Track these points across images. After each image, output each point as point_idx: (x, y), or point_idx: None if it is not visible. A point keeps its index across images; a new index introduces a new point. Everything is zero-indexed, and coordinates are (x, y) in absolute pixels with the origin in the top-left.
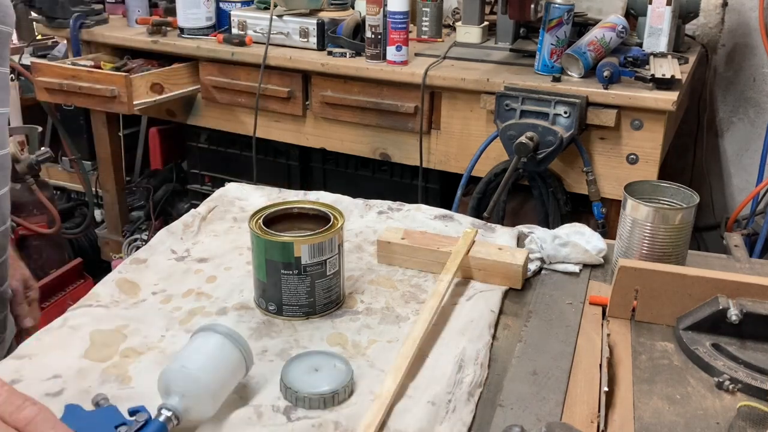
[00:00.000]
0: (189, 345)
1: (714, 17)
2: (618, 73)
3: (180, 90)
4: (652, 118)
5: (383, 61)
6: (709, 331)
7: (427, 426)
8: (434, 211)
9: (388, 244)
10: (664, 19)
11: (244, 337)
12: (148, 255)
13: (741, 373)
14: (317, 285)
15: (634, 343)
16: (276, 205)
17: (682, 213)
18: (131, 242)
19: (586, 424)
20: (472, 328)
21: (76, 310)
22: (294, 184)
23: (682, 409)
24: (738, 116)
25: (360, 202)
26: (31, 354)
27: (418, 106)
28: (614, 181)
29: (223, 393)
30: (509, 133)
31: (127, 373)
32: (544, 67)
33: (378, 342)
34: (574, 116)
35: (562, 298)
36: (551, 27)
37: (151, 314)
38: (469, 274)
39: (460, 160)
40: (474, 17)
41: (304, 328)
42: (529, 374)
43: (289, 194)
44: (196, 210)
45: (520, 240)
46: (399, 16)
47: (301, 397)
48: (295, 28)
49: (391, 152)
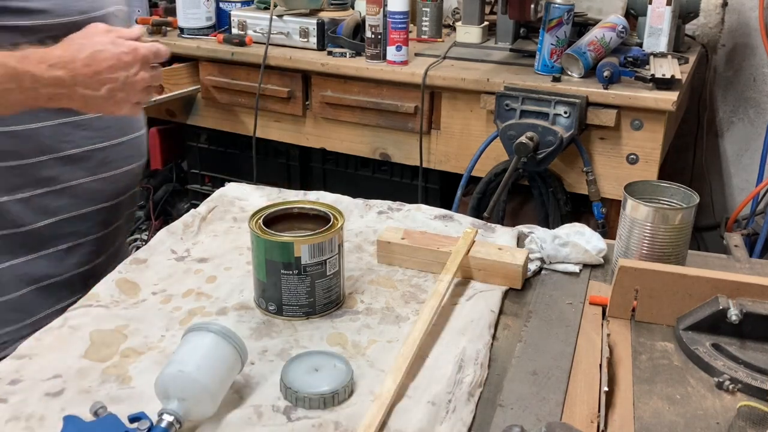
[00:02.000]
0: (182, 346)
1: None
2: (618, 73)
3: (180, 90)
4: (652, 118)
5: (383, 61)
6: (709, 331)
7: (427, 426)
8: (434, 211)
9: (388, 244)
10: (664, 19)
11: (236, 333)
12: (148, 255)
13: (741, 373)
14: (317, 285)
15: (634, 343)
16: (276, 205)
17: (682, 213)
18: (131, 242)
19: (586, 424)
20: (472, 328)
21: (76, 310)
22: (294, 184)
23: (682, 409)
24: (738, 116)
25: (360, 202)
26: (31, 354)
27: (418, 106)
28: (614, 181)
29: (222, 391)
30: (509, 133)
31: (127, 373)
32: (544, 67)
33: (378, 342)
34: (574, 116)
35: (562, 298)
36: (551, 27)
37: (151, 314)
38: (469, 274)
39: (460, 160)
40: (474, 17)
41: (304, 328)
42: (529, 374)
43: (289, 194)
44: (196, 210)
45: (520, 240)
46: (399, 16)
47: (301, 397)
48: (295, 28)
49: (391, 152)
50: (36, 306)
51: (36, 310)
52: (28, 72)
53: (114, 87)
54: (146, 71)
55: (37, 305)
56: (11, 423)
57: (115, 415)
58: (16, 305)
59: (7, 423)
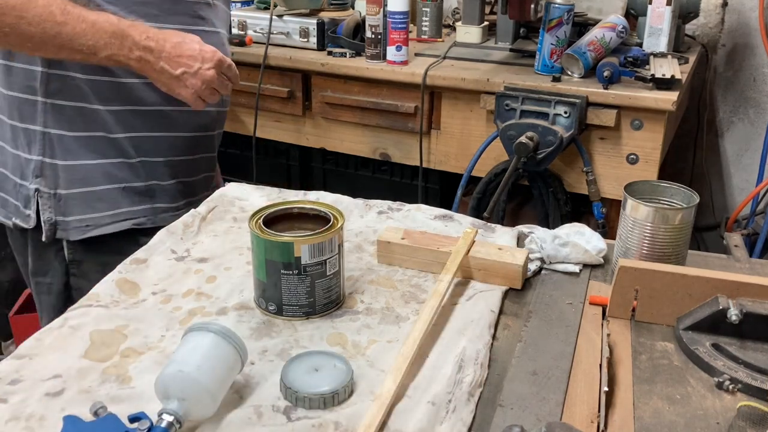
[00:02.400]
0: (182, 346)
1: (714, 17)
2: (618, 73)
3: None
4: (652, 118)
5: (383, 61)
6: (709, 331)
7: (427, 426)
8: (434, 211)
9: (388, 244)
10: (664, 19)
11: (236, 333)
12: (148, 255)
13: (741, 373)
14: (317, 285)
15: (634, 343)
16: (276, 205)
17: (682, 213)
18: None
19: (586, 424)
20: (472, 328)
21: (76, 310)
22: (294, 184)
23: (682, 409)
24: (738, 116)
25: (360, 202)
26: (31, 354)
27: (418, 106)
28: (614, 181)
29: (222, 391)
30: (509, 133)
31: (127, 373)
32: (544, 67)
33: (378, 342)
34: (574, 116)
35: (562, 298)
36: (551, 27)
37: (151, 314)
38: (469, 274)
39: (460, 160)
40: (474, 17)
41: (304, 328)
42: (529, 374)
43: (289, 194)
44: (196, 210)
45: (520, 240)
46: (399, 16)
47: (301, 397)
48: (295, 28)
49: (391, 152)
50: (118, 201)
51: (118, 205)
52: (131, 36)
53: (187, 72)
54: (217, 73)
55: (119, 201)
56: (11, 423)
57: (115, 415)
58: (102, 196)
59: (7, 423)
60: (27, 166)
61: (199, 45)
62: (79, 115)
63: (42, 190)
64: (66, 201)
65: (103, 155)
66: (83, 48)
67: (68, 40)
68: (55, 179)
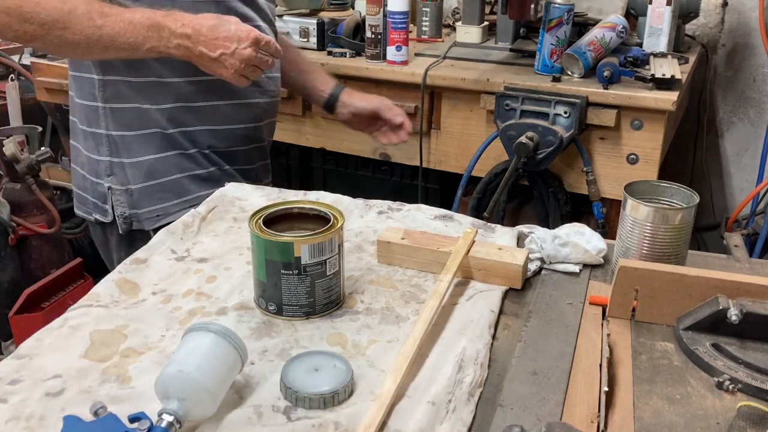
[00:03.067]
0: (182, 346)
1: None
2: (618, 73)
3: None
4: (652, 118)
5: (383, 61)
6: (709, 331)
7: (427, 426)
8: (434, 211)
9: (388, 244)
10: (664, 19)
11: (236, 333)
12: (148, 255)
13: (741, 373)
14: (317, 285)
15: (634, 343)
16: (276, 205)
17: (682, 213)
18: None
19: (586, 424)
20: (472, 328)
21: (76, 310)
22: (294, 184)
23: (682, 409)
24: (738, 116)
25: (360, 202)
26: (31, 354)
27: (418, 106)
28: (614, 181)
29: (222, 391)
30: (509, 133)
31: (127, 373)
32: (544, 67)
33: (378, 342)
34: (574, 116)
35: (562, 298)
36: (551, 27)
37: (151, 314)
38: (469, 274)
39: (460, 160)
40: (474, 17)
41: (304, 328)
42: (529, 374)
43: (289, 194)
44: (196, 210)
45: (520, 240)
46: (399, 16)
47: (301, 397)
48: (295, 28)
49: (391, 152)
50: (185, 189)
51: (186, 192)
52: (167, 26)
53: (225, 53)
54: (255, 51)
55: (186, 188)
56: (11, 423)
57: (115, 415)
58: (170, 187)
59: (7, 423)
60: (99, 167)
61: (235, 26)
62: (134, 115)
63: (114, 188)
64: (137, 195)
65: (163, 149)
66: (125, 45)
67: (110, 40)
68: (125, 176)
